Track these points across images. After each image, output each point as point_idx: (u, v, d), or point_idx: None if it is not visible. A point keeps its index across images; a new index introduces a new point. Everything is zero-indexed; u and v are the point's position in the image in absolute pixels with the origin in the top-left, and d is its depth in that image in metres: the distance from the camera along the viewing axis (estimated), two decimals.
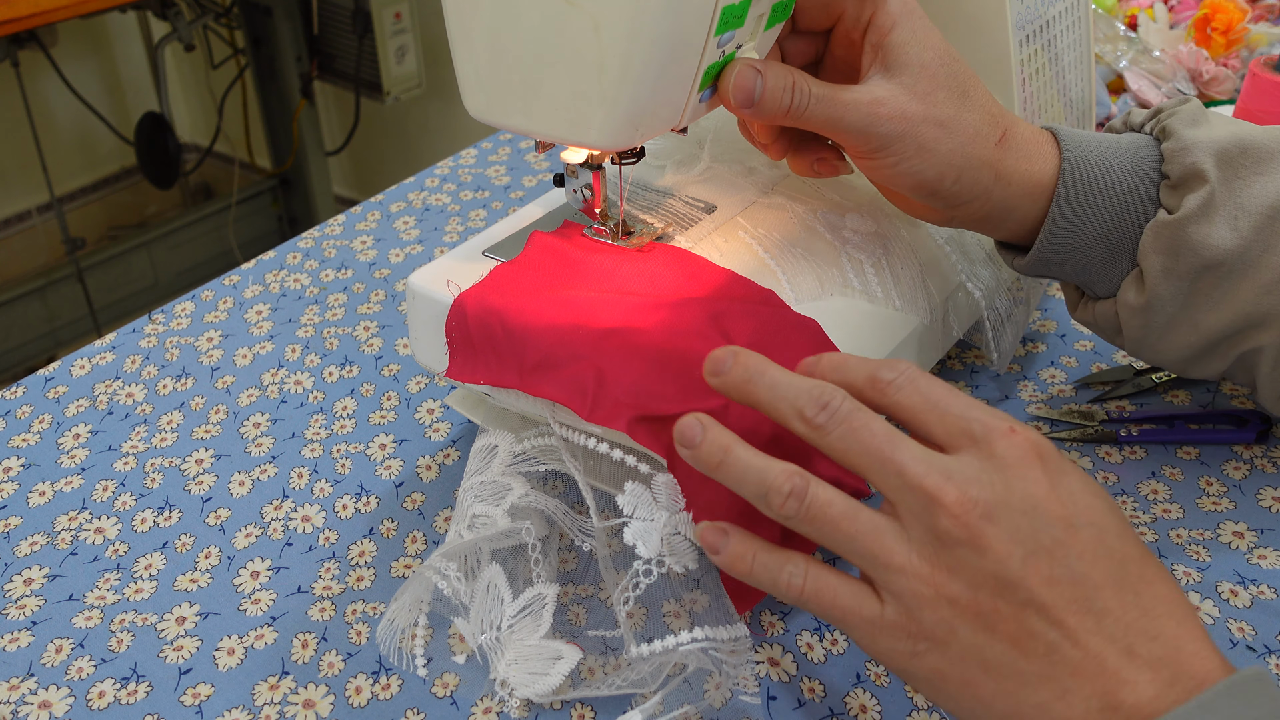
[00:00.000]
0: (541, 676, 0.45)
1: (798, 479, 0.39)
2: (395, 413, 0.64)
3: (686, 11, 0.42)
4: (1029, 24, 0.59)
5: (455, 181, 0.88)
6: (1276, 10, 0.96)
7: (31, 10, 1.59)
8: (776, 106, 0.47)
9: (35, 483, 0.60)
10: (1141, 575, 0.37)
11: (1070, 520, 0.37)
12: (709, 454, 0.41)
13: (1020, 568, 0.36)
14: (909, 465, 0.38)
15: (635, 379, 0.46)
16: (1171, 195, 0.49)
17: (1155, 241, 0.49)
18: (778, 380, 0.41)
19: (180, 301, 0.74)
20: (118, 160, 2.51)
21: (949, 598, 0.37)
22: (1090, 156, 0.50)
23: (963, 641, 0.37)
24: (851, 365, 0.42)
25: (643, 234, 0.55)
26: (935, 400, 0.40)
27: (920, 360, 0.57)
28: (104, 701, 0.48)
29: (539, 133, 0.47)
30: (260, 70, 2.21)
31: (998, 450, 0.38)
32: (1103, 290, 0.53)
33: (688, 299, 0.50)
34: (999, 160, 0.49)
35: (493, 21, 0.45)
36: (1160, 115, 0.51)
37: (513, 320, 0.49)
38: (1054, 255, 0.51)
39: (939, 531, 0.37)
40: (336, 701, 0.47)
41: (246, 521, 0.57)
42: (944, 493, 0.37)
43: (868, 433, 0.38)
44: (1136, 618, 0.36)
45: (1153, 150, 0.51)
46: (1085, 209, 0.50)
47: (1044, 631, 0.36)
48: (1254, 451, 0.58)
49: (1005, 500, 0.37)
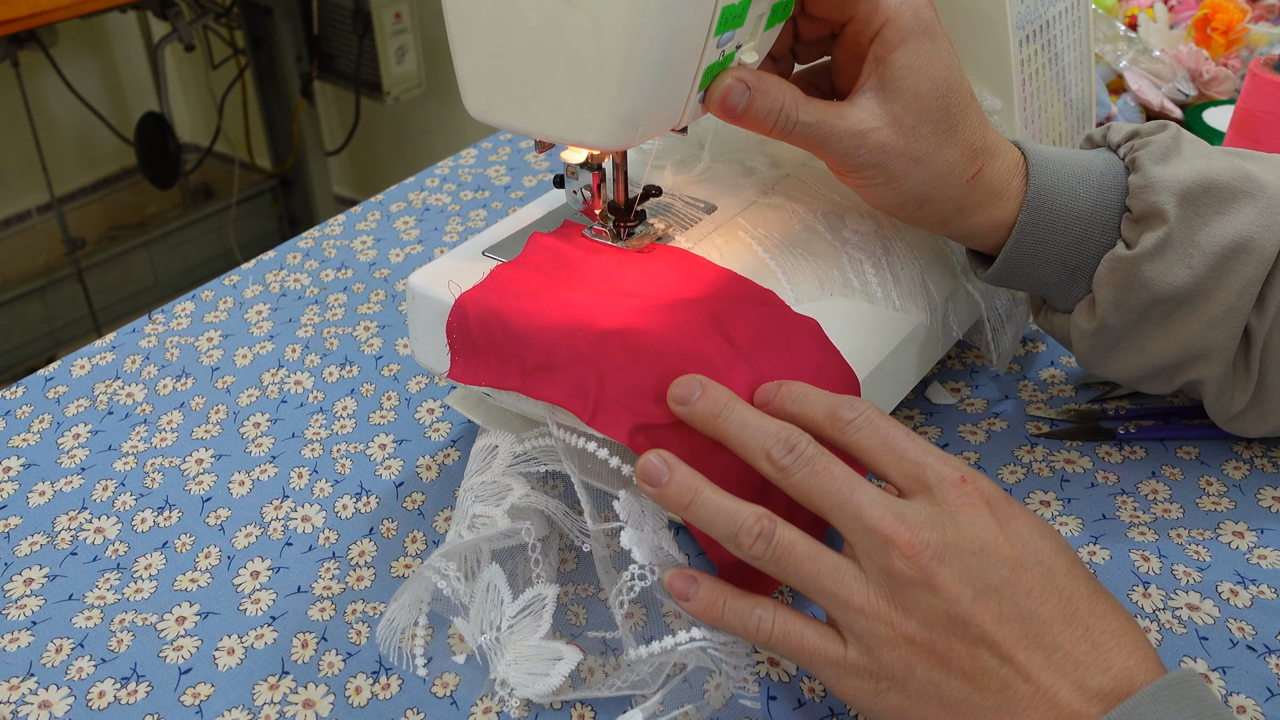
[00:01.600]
0: (541, 677, 0.45)
1: (765, 521, 0.41)
2: (395, 413, 0.64)
3: (686, 11, 0.42)
4: (1029, 24, 0.59)
5: (455, 181, 0.88)
6: (1276, 10, 0.97)
7: (31, 10, 1.59)
8: (760, 125, 0.48)
9: (35, 482, 0.60)
10: (1091, 610, 0.38)
11: (1019, 561, 0.39)
12: (678, 495, 0.43)
13: (971, 606, 0.38)
14: (866, 508, 0.40)
15: (635, 381, 0.46)
16: (1131, 229, 0.50)
17: (1110, 275, 0.50)
18: (747, 420, 0.43)
19: (180, 301, 0.74)
20: (118, 160, 2.51)
21: (906, 636, 0.39)
22: (1056, 185, 0.51)
23: (920, 679, 0.39)
24: (811, 399, 0.44)
25: (643, 235, 0.55)
26: (893, 444, 0.42)
27: (920, 361, 0.57)
28: (104, 701, 0.48)
29: (539, 133, 0.47)
30: (260, 70, 2.20)
31: (949, 498, 0.40)
32: (1060, 306, 0.54)
33: (688, 300, 0.50)
34: (965, 195, 0.50)
35: (493, 22, 0.45)
36: (1134, 142, 0.52)
37: (514, 321, 0.49)
38: (1012, 273, 0.53)
39: (893, 572, 0.39)
40: (336, 701, 0.47)
41: (246, 521, 0.57)
42: (898, 535, 0.39)
43: (829, 476, 0.41)
44: (1086, 652, 0.37)
45: (1120, 179, 0.51)
46: (1046, 235, 0.51)
47: (996, 668, 0.38)
48: (1254, 451, 0.58)
49: (956, 543, 0.39)
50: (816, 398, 0.44)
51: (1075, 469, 0.57)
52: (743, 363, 0.47)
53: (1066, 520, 0.54)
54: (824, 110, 0.48)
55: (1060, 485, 0.56)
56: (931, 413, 0.62)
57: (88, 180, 2.50)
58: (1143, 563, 0.52)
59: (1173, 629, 0.48)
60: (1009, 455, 0.58)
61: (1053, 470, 0.57)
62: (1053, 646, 0.37)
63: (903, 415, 0.62)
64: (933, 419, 0.61)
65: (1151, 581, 0.51)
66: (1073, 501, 0.55)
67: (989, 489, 0.40)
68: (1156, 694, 0.35)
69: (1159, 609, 0.49)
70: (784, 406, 0.44)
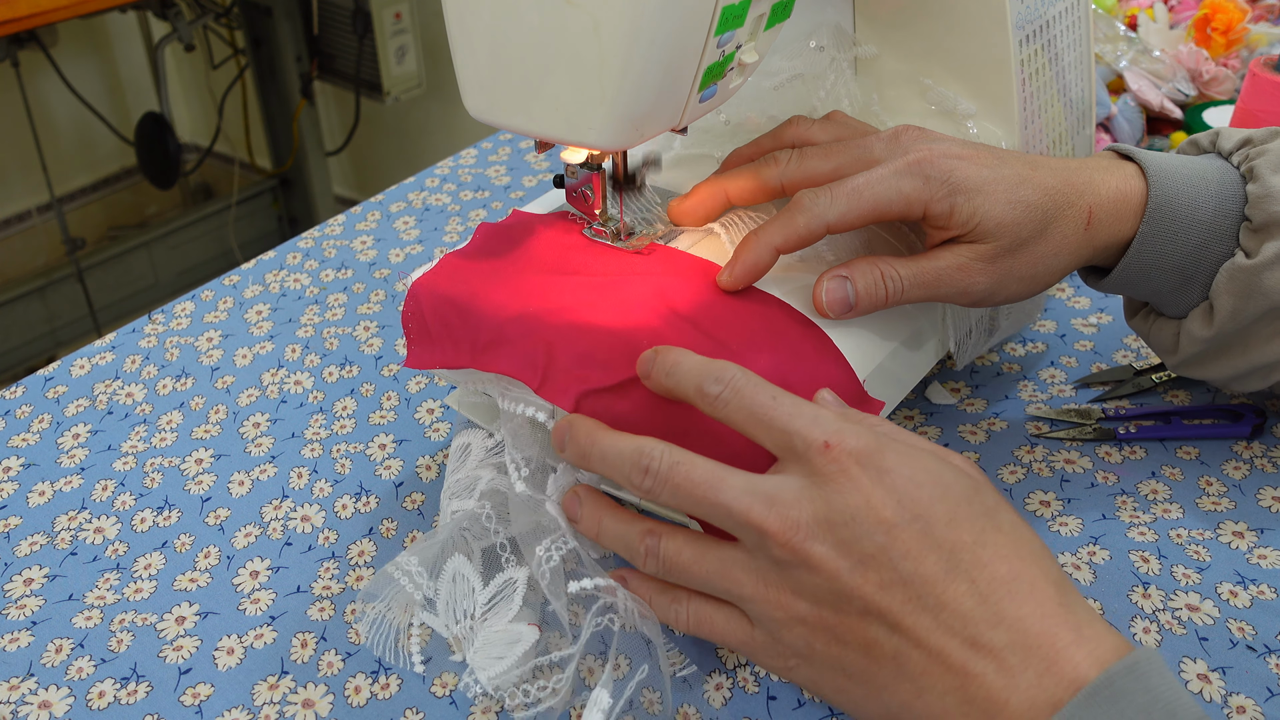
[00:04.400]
0: (498, 660, 0.45)
1: (650, 539, 0.43)
2: (395, 413, 0.64)
3: (686, 11, 0.42)
4: (1029, 24, 0.59)
5: (455, 181, 0.88)
6: (1276, 10, 0.96)
7: (31, 10, 1.59)
8: (874, 303, 0.49)
9: (35, 482, 0.60)
10: (975, 559, 0.37)
11: (892, 522, 0.38)
12: (588, 526, 0.45)
13: (851, 579, 0.38)
14: (733, 503, 0.40)
15: (583, 351, 0.47)
16: (1251, 238, 0.50)
17: (1230, 284, 0.50)
18: (606, 451, 0.43)
19: (180, 301, 0.74)
20: (118, 160, 2.51)
21: (799, 617, 0.39)
22: (1177, 193, 0.50)
23: (821, 655, 0.39)
24: (682, 373, 0.43)
25: (643, 235, 0.55)
26: (759, 414, 0.41)
27: (920, 361, 0.57)
28: (104, 701, 0.48)
29: (539, 133, 0.47)
30: (260, 70, 2.20)
31: (818, 465, 0.39)
32: (1171, 313, 0.54)
33: (635, 274, 0.51)
34: (1090, 240, 0.50)
35: (493, 21, 0.45)
36: (1249, 149, 0.51)
37: (466, 303, 0.50)
38: (1128, 282, 0.52)
39: (774, 558, 0.39)
40: (336, 701, 0.47)
41: (246, 521, 0.57)
42: (767, 522, 0.39)
43: (689, 483, 0.41)
44: (973, 607, 0.37)
45: (1238, 188, 0.51)
46: (1166, 246, 0.51)
47: (886, 637, 0.38)
48: (1254, 451, 0.58)
49: (827, 516, 0.38)
50: (687, 371, 0.43)
51: (1075, 469, 0.57)
52: (696, 333, 0.47)
53: (1066, 520, 0.54)
54: (921, 265, 0.49)
55: (1060, 485, 0.56)
56: (931, 413, 0.62)
57: (88, 180, 2.50)
58: (1142, 563, 0.52)
59: (1172, 630, 0.48)
60: (1009, 455, 0.58)
61: (1053, 470, 0.57)
62: (939, 606, 0.37)
63: (903, 415, 0.62)
64: (933, 419, 0.61)
65: (1151, 582, 0.51)
66: (1073, 501, 0.55)
67: (858, 445, 0.39)
68: (1094, 697, 0.34)
69: (1159, 609, 0.49)
70: (660, 381, 0.44)
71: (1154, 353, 0.56)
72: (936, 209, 0.48)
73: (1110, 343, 0.66)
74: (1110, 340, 0.67)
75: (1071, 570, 0.51)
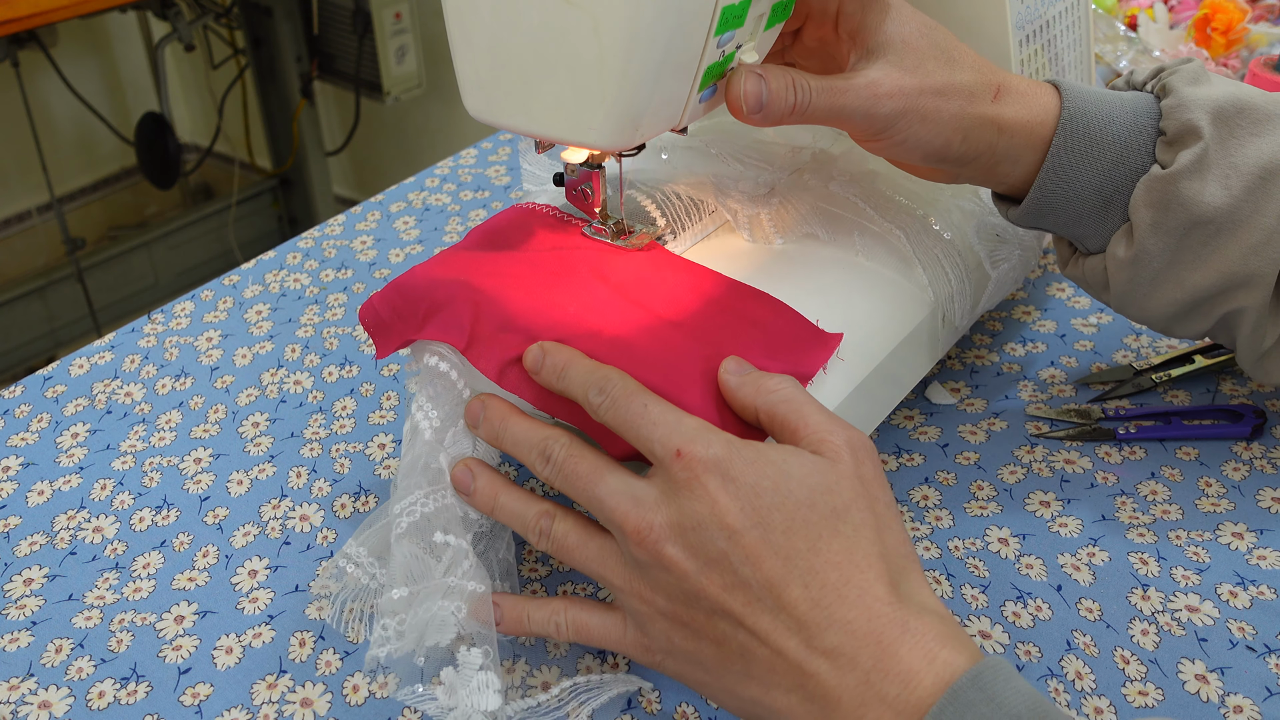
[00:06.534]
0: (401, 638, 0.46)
1: (544, 520, 0.45)
2: (395, 413, 0.64)
3: (686, 11, 0.42)
4: (1029, 24, 0.59)
5: (455, 181, 0.88)
6: (1276, 10, 0.96)
7: (31, 10, 1.58)
8: (783, 106, 0.48)
9: (34, 482, 0.60)
10: (809, 566, 0.39)
11: (735, 528, 0.40)
12: (483, 500, 0.47)
13: (699, 580, 0.40)
14: (605, 499, 0.42)
15: (511, 314, 0.48)
16: (1166, 151, 0.50)
17: (1146, 195, 0.50)
18: (517, 435, 0.46)
19: (180, 301, 0.74)
20: (118, 160, 2.51)
21: (660, 611, 0.42)
22: (1090, 108, 0.51)
23: (681, 649, 0.42)
24: (572, 376, 0.45)
25: (643, 233, 0.55)
26: (632, 423, 0.43)
27: (920, 361, 0.57)
28: (104, 701, 0.48)
29: (539, 133, 0.47)
30: (260, 70, 2.20)
31: (672, 473, 0.41)
32: (1093, 245, 0.54)
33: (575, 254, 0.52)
34: (998, 114, 0.50)
35: (492, 21, 0.45)
36: (1162, 74, 0.52)
37: (405, 281, 0.51)
38: (1047, 204, 0.52)
39: (634, 555, 0.42)
40: (334, 700, 0.47)
41: (245, 520, 0.57)
42: (628, 521, 0.41)
43: (576, 476, 0.43)
44: (808, 611, 0.39)
45: (1152, 107, 0.51)
46: (1081, 159, 0.51)
47: (734, 634, 0.40)
48: (1253, 452, 0.58)
49: (678, 520, 0.40)
50: (574, 377, 0.45)
51: (1075, 469, 0.57)
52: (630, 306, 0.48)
53: (1066, 521, 0.54)
54: (831, 79, 0.49)
55: (1060, 485, 0.56)
56: (931, 413, 0.62)
57: (88, 180, 2.50)
58: (1141, 565, 0.51)
59: (1171, 631, 0.48)
60: (1009, 455, 0.58)
61: (1052, 470, 0.57)
62: (778, 608, 0.39)
63: (903, 415, 0.62)
64: (933, 419, 0.61)
65: (1151, 584, 0.51)
66: (1072, 502, 0.55)
67: (708, 454, 0.41)
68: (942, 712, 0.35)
69: (1158, 611, 0.49)
70: (551, 383, 0.46)
71: (1091, 295, 0.56)
72: (850, 6, 0.50)
73: (1110, 343, 0.66)
74: (1110, 340, 0.67)
75: (1071, 571, 0.51)
